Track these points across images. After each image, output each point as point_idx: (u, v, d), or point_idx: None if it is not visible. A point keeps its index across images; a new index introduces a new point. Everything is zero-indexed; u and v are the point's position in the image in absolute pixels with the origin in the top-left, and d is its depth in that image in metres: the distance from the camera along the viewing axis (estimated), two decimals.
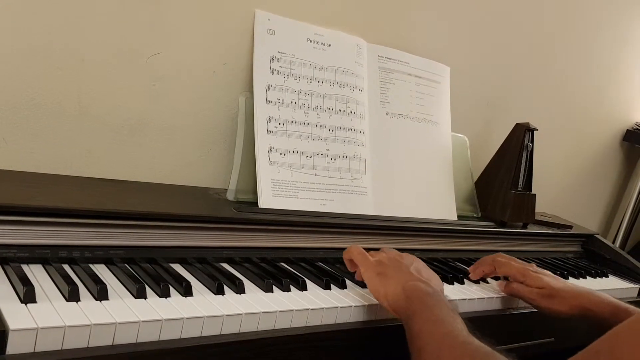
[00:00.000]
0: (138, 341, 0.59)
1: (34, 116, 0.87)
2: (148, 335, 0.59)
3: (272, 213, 0.92)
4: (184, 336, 0.62)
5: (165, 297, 0.66)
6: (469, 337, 0.64)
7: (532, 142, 1.31)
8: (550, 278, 0.96)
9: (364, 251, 0.84)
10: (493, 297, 0.96)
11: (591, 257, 1.43)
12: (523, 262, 1.01)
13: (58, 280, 0.64)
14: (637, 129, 1.93)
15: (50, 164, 0.89)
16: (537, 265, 1.01)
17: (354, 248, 0.85)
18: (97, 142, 0.93)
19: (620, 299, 1.17)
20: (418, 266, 0.82)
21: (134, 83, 0.94)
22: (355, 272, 0.85)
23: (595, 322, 0.92)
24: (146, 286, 0.66)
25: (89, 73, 0.90)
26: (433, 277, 0.81)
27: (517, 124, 1.32)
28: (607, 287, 1.23)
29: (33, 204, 0.69)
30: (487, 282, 1.03)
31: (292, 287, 0.78)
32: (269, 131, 0.98)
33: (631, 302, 0.99)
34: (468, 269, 1.03)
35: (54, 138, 0.89)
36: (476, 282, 1.01)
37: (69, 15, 0.87)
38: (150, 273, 0.71)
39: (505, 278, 1.00)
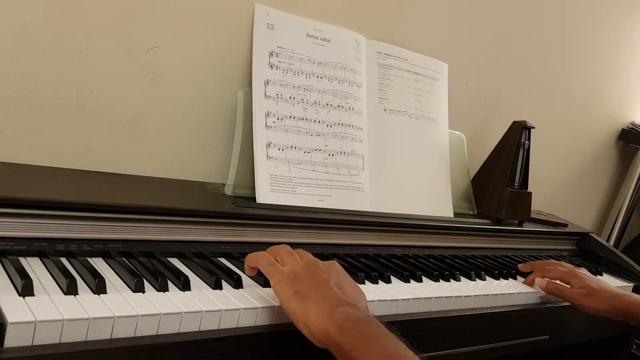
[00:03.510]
0: (136, 335, 0.59)
1: (31, 108, 0.87)
2: (146, 330, 0.59)
3: (269, 208, 0.92)
4: (182, 330, 0.62)
5: (164, 291, 0.66)
6: None
7: (528, 140, 1.32)
8: (594, 279, 1.05)
9: (273, 260, 0.71)
10: (489, 295, 0.96)
11: (586, 255, 1.44)
12: (568, 265, 1.10)
13: (56, 274, 0.64)
14: (633, 128, 1.94)
15: (48, 156, 0.89)
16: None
17: (260, 256, 0.72)
18: (95, 135, 0.93)
19: None
20: (339, 280, 0.69)
21: (132, 76, 0.94)
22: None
23: (633, 323, 0.99)
24: (144, 280, 0.66)
25: (87, 65, 0.90)
26: (355, 293, 0.70)
27: (514, 122, 1.33)
28: None
29: (31, 197, 0.69)
30: (484, 280, 1.04)
31: None
32: (267, 126, 0.98)
33: None
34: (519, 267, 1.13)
35: (51, 130, 0.89)
36: (472, 279, 1.02)
37: (67, 7, 0.86)
38: (148, 267, 0.71)
39: None
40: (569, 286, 1.04)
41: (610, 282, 1.29)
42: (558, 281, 1.06)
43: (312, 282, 0.66)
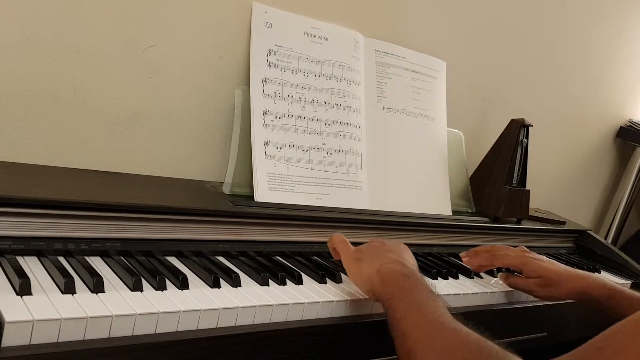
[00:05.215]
0: (134, 334, 0.59)
1: (29, 107, 0.87)
2: (144, 328, 0.59)
3: (268, 207, 0.92)
4: (180, 329, 0.62)
5: (162, 290, 0.66)
6: (455, 322, 0.63)
7: (527, 138, 1.32)
8: (547, 264, 0.98)
9: (345, 239, 0.84)
10: (487, 292, 0.97)
11: (584, 252, 1.44)
12: (518, 250, 1.02)
13: (54, 273, 0.64)
14: (631, 126, 1.94)
15: (46, 155, 0.89)
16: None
17: (336, 236, 0.85)
18: (93, 134, 0.93)
19: None
20: (398, 249, 0.81)
21: (130, 75, 0.94)
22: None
23: (593, 305, 0.94)
24: (142, 279, 0.66)
25: (84, 64, 0.90)
26: (410, 258, 0.80)
27: (512, 120, 1.33)
28: None
29: (28, 196, 0.69)
30: (481, 277, 1.04)
31: (288, 280, 0.78)
32: (265, 125, 0.98)
33: None
34: (462, 257, 1.03)
35: (49, 129, 0.89)
36: (470, 276, 1.02)
37: (64, 6, 0.86)
38: (146, 266, 0.71)
39: (506, 270, 1.03)
40: (522, 276, 0.98)
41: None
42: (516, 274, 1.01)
43: (372, 251, 0.80)
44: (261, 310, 0.68)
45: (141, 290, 0.65)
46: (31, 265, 0.66)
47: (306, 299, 0.73)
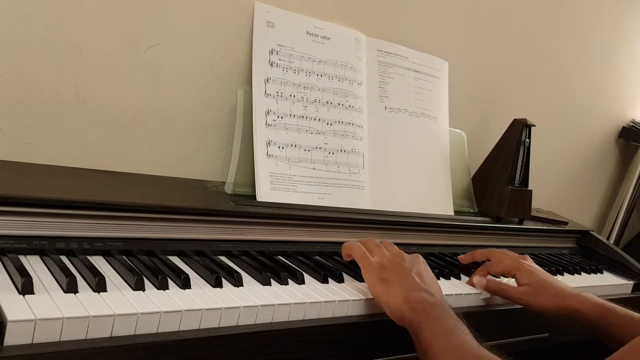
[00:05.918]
0: (136, 333, 0.59)
1: (31, 107, 0.87)
2: (146, 328, 0.59)
3: (270, 206, 0.92)
4: (182, 329, 0.62)
5: (164, 290, 0.66)
6: (480, 348, 0.65)
7: (529, 138, 1.32)
8: (541, 273, 0.95)
9: (365, 250, 0.82)
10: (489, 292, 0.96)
11: (586, 253, 1.43)
12: (513, 255, 1.00)
13: (56, 272, 0.64)
14: (633, 126, 1.94)
15: (47, 155, 0.89)
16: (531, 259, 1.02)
17: (355, 247, 0.83)
18: (95, 134, 0.93)
19: (615, 295, 1.18)
20: (419, 269, 0.80)
21: (132, 74, 0.94)
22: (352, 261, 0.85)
23: (584, 322, 0.91)
24: (144, 278, 0.66)
25: (86, 64, 0.90)
26: (433, 282, 0.81)
27: (514, 120, 1.33)
28: (602, 283, 1.24)
29: (30, 195, 0.69)
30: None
31: (290, 280, 0.78)
32: (267, 124, 0.98)
33: (625, 299, 1.00)
34: (459, 258, 1.04)
35: (51, 129, 0.89)
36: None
37: (66, 5, 0.86)
38: (148, 265, 0.71)
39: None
40: (512, 281, 0.95)
41: (610, 280, 1.29)
42: (502, 278, 0.99)
43: (396, 270, 0.78)
44: (263, 310, 0.68)
45: (143, 290, 0.65)
46: (33, 264, 0.66)
47: (308, 298, 0.73)
